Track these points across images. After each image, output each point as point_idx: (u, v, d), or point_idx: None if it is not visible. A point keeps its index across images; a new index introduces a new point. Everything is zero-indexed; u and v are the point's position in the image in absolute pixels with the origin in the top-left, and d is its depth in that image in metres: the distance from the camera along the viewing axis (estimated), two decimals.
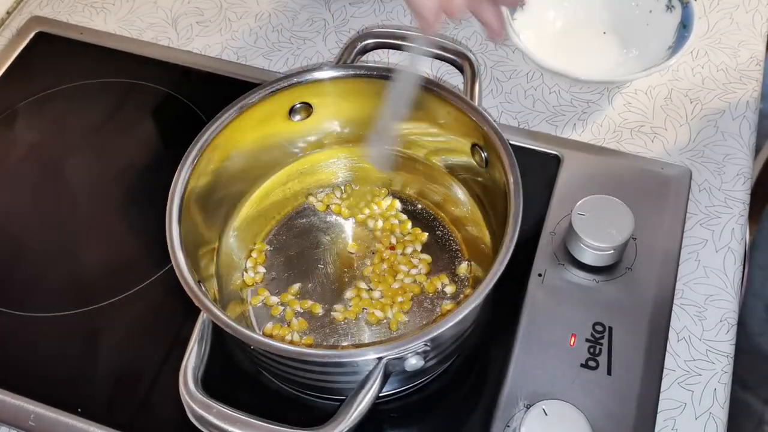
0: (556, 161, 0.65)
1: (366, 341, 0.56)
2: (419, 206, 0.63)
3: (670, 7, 0.70)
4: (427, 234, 0.61)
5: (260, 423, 0.44)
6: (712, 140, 0.67)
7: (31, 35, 0.77)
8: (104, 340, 0.58)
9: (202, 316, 0.48)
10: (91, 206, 0.66)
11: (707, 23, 0.75)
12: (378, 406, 0.54)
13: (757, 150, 0.78)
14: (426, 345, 0.45)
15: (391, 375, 0.47)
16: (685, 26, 0.68)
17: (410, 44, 0.58)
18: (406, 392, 0.54)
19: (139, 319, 0.59)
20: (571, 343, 0.55)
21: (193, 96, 0.71)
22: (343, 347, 0.56)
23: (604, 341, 0.55)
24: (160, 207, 0.51)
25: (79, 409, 0.54)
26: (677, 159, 0.66)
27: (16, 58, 0.76)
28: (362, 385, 0.45)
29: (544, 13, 0.73)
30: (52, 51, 0.77)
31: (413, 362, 0.46)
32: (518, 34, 0.68)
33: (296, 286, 0.59)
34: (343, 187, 0.64)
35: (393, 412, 0.54)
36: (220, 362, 0.49)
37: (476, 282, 0.58)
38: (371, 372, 0.45)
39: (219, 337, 0.49)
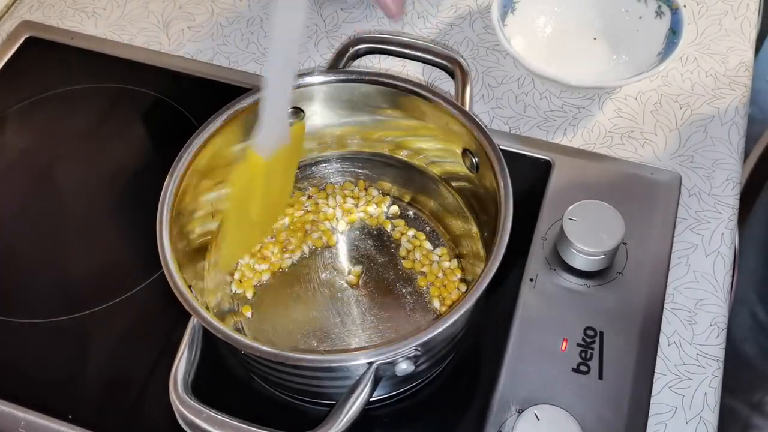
0: (547, 166, 0.65)
1: (355, 346, 0.56)
2: (410, 211, 0.63)
3: (659, 13, 0.71)
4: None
5: (249, 428, 0.44)
6: (702, 145, 0.67)
7: (22, 40, 0.77)
8: (95, 346, 0.58)
9: (193, 321, 0.48)
10: (82, 212, 0.66)
11: (696, 29, 0.75)
12: (370, 412, 0.54)
13: (746, 155, 0.79)
14: (416, 350, 0.45)
15: (382, 380, 0.47)
16: (674, 32, 0.69)
17: None
18: (398, 397, 0.54)
19: (130, 326, 0.59)
20: (563, 348, 0.55)
21: (184, 101, 0.71)
22: (334, 352, 0.56)
23: (596, 346, 0.55)
24: (151, 212, 0.50)
25: (71, 416, 0.54)
26: (667, 164, 0.66)
27: (6, 63, 0.76)
28: (352, 389, 0.45)
29: (535, 19, 0.74)
30: (42, 56, 0.76)
31: (403, 367, 0.46)
32: (509, 40, 0.68)
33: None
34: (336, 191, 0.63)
35: (385, 418, 0.54)
36: (211, 368, 0.49)
37: (467, 287, 0.58)
38: (361, 377, 0.45)
39: (210, 342, 0.49)
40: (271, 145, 0.48)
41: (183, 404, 0.45)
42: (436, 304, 0.57)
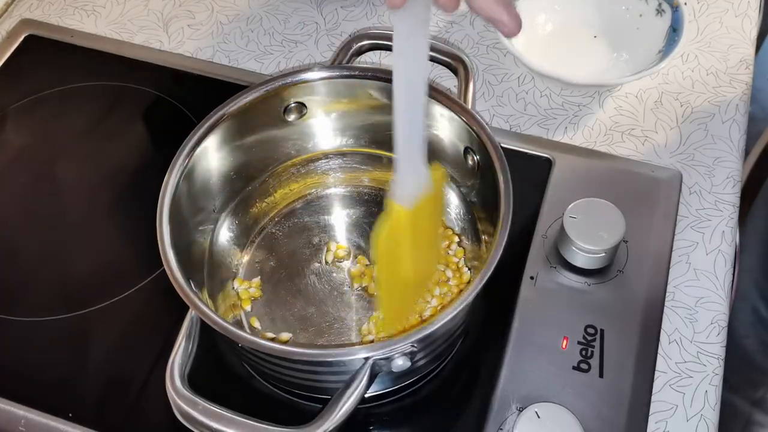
0: (547, 164, 0.65)
1: (352, 341, 0.56)
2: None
3: (660, 11, 0.70)
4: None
5: (245, 420, 0.44)
6: (702, 143, 0.67)
7: (22, 38, 0.77)
8: (95, 344, 0.58)
9: (191, 313, 0.48)
10: (82, 209, 0.66)
11: (697, 27, 0.75)
12: (370, 409, 0.54)
13: (747, 153, 0.79)
14: (413, 346, 0.45)
15: (379, 375, 0.47)
16: (675, 30, 0.69)
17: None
18: (399, 395, 0.54)
19: (130, 324, 0.59)
20: (563, 346, 0.55)
21: (184, 99, 0.71)
22: (331, 346, 0.56)
23: (596, 344, 0.55)
24: (152, 210, 0.50)
25: (70, 414, 0.54)
26: (668, 162, 0.66)
27: (6, 61, 0.76)
28: (348, 384, 0.45)
29: (535, 17, 0.74)
30: (42, 54, 0.76)
31: (400, 363, 0.46)
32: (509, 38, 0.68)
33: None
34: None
35: (386, 415, 0.54)
36: (208, 361, 0.49)
37: (468, 284, 0.58)
38: (357, 371, 0.45)
39: (208, 336, 0.48)
40: (411, 194, 0.44)
41: (179, 395, 0.45)
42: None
